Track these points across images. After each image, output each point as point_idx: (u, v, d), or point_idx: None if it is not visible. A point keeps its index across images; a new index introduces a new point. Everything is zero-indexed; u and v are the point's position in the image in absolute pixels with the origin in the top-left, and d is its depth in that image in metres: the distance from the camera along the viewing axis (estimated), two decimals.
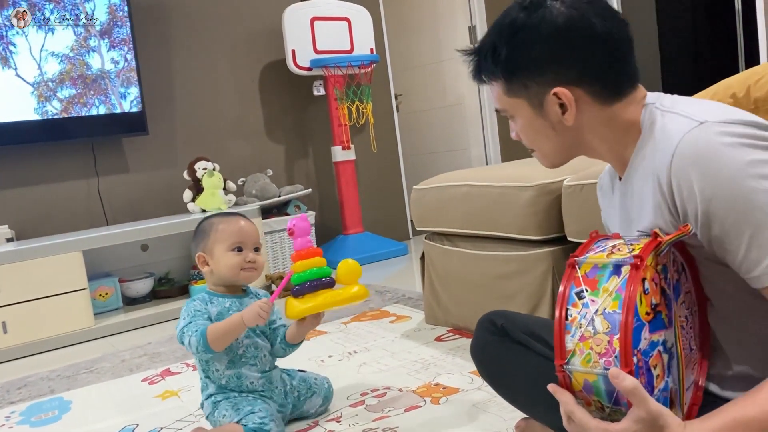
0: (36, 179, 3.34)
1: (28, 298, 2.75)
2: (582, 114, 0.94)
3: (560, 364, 0.82)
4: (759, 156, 0.81)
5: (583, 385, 0.81)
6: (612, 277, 0.81)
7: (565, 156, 1.02)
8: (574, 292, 0.83)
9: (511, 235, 1.95)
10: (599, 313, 0.80)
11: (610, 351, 0.78)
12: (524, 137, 1.02)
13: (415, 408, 1.63)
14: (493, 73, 0.98)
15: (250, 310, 1.46)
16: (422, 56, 5.14)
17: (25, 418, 1.94)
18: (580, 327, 0.81)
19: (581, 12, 0.91)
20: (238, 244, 1.56)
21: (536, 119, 0.97)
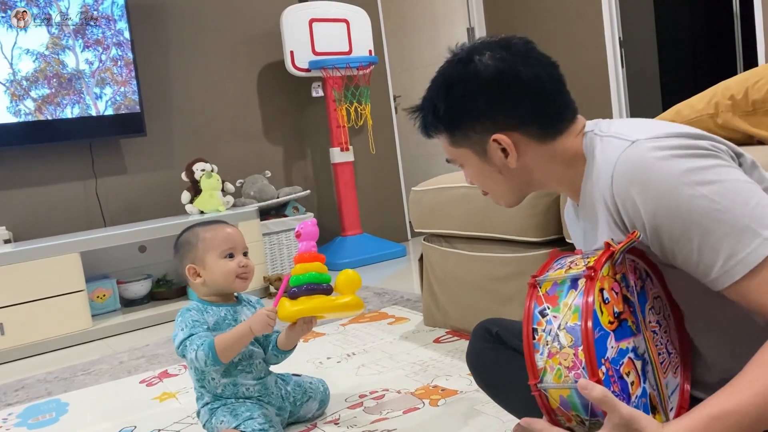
0: (34, 180, 3.33)
1: (26, 299, 2.74)
2: (525, 155, 0.99)
3: (534, 384, 0.84)
4: (692, 164, 0.83)
5: (559, 401, 0.83)
6: (570, 291, 0.84)
7: (518, 195, 1.07)
8: (538, 311, 0.86)
9: (509, 237, 1.95)
10: (562, 327, 0.82)
11: (577, 363, 0.80)
12: (476, 183, 1.08)
13: (414, 410, 1.63)
14: (436, 127, 1.04)
15: (258, 318, 1.45)
16: (421, 57, 5.14)
17: (23, 420, 1.93)
18: (547, 344, 0.83)
19: (508, 63, 0.97)
20: (230, 250, 1.54)
21: (483, 166, 1.02)
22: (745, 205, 0.81)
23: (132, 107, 3.40)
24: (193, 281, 1.56)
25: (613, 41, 3.97)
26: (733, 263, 0.81)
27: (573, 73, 4.56)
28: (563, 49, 4.25)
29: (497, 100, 0.98)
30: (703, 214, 0.82)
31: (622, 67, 4.02)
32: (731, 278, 0.81)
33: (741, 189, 0.82)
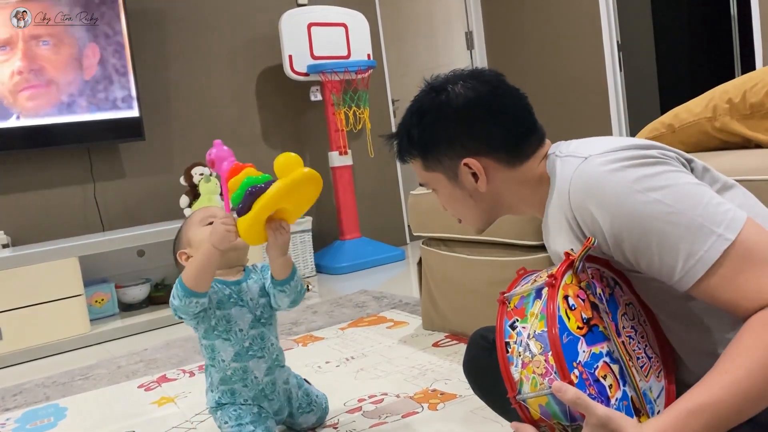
0: (32, 185, 3.33)
1: (24, 304, 2.74)
2: (494, 180, 1.04)
3: (513, 396, 0.86)
4: (642, 172, 0.87)
5: (540, 411, 0.84)
6: (536, 302, 0.87)
7: (488, 219, 1.12)
8: (508, 325, 0.89)
9: (508, 240, 1.95)
10: (531, 336, 0.84)
11: (549, 369, 0.81)
12: (448, 207, 1.13)
13: (413, 414, 1.63)
14: (410, 152, 1.10)
15: (214, 231, 1.33)
16: (419, 62, 5.15)
17: (21, 425, 1.93)
18: (520, 355, 0.85)
19: (478, 93, 1.02)
20: (210, 219, 1.48)
21: (454, 190, 1.08)
22: (697, 205, 0.83)
23: (130, 112, 3.40)
24: (186, 265, 1.48)
25: (611, 45, 3.98)
26: (693, 263, 0.83)
27: (571, 77, 4.60)
28: (561, 53, 4.26)
29: (467, 126, 1.03)
30: (658, 218, 0.84)
31: (621, 71, 4.02)
32: (693, 278, 0.83)
33: (691, 191, 0.85)
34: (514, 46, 4.58)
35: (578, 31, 4.12)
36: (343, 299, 3.04)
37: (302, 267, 3.76)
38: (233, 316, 1.46)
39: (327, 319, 2.69)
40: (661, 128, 1.69)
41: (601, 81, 4.05)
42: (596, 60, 4.05)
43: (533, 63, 4.45)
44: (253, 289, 1.51)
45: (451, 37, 4.90)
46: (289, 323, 2.71)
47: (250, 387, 1.50)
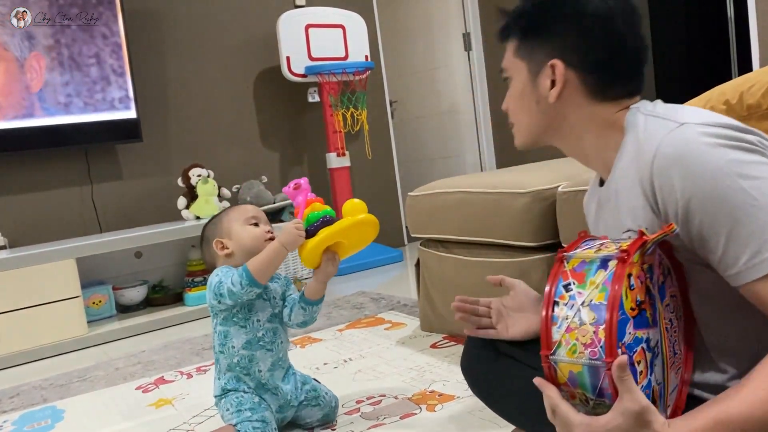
0: (29, 186, 3.32)
1: (21, 306, 2.73)
2: (567, 99, 0.98)
3: (546, 355, 0.83)
4: (737, 156, 0.83)
5: (568, 376, 0.82)
6: (599, 271, 0.83)
7: (537, 137, 1.05)
8: (562, 285, 0.85)
9: (506, 242, 1.95)
10: (585, 304, 0.82)
11: (596, 341, 0.79)
12: (511, 105, 1.07)
13: (411, 415, 1.63)
14: (512, 30, 1.04)
15: (286, 232, 1.48)
16: (417, 63, 5.16)
17: (18, 427, 1.93)
18: (567, 318, 0.82)
19: (611, 11, 0.95)
20: (254, 220, 1.60)
21: (527, 87, 1.02)
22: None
23: (128, 113, 3.39)
24: (220, 254, 1.57)
25: None
26: (757, 261, 0.80)
27: None
28: None
29: (579, 33, 0.97)
30: (738, 207, 0.81)
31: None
32: (751, 276, 0.81)
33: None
34: None
35: None
36: (341, 301, 3.03)
37: (300, 268, 3.76)
38: (255, 306, 1.56)
39: (325, 321, 2.69)
40: None
41: None
42: None
43: None
44: (277, 290, 1.62)
45: (448, 38, 4.91)
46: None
47: (252, 377, 1.55)
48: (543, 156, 3.74)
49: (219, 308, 1.53)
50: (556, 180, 1.88)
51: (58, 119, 3.22)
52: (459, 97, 4.91)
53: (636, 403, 0.76)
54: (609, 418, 0.78)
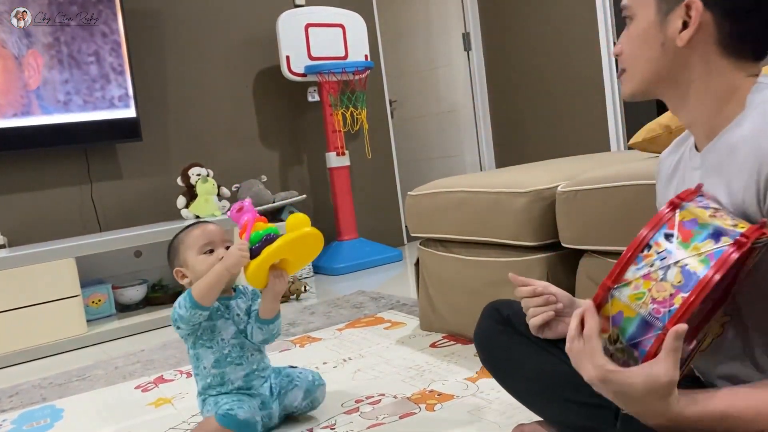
0: (29, 185, 3.32)
1: (21, 305, 2.73)
2: (695, 45, 0.90)
3: (609, 285, 0.80)
4: None
5: (614, 314, 0.80)
6: (708, 240, 0.78)
7: (651, 84, 0.96)
8: (663, 233, 0.81)
9: (505, 241, 1.95)
10: (679, 264, 0.77)
11: (667, 304, 0.76)
12: (628, 46, 0.97)
13: (410, 415, 1.63)
14: None
15: (229, 255, 1.50)
16: (417, 63, 5.16)
17: (17, 426, 1.92)
18: (651, 266, 0.79)
19: None
20: (208, 246, 1.58)
21: (653, 27, 0.92)
22: None
23: (128, 111, 3.39)
24: (182, 282, 1.61)
25: (608, 47, 3.99)
26: None
27: (568, 78, 4.60)
28: (558, 55, 4.26)
29: None
30: None
31: (617, 73, 4.03)
32: None
33: None
34: (511, 48, 4.59)
35: (575, 32, 4.13)
36: (340, 300, 3.04)
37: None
38: (218, 327, 1.59)
39: (324, 320, 2.69)
40: (657, 129, 1.70)
41: (597, 82, 4.06)
42: (593, 61, 4.06)
43: (530, 65, 4.46)
44: (241, 306, 1.63)
45: (448, 38, 4.91)
46: (287, 324, 2.71)
47: (227, 387, 1.60)
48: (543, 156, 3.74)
49: (181, 333, 1.57)
50: (555, 180, 1.88)
51: (58, 118, 3.22)
52: (459, 96, 4.91)
53: (669, 374, 0.75)
54: (632, 374, 0.76)
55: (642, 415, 0.79)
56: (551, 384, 1.15)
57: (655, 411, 0.77)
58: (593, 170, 1.78)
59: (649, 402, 0.77)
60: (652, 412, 0.78)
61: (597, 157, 2.43)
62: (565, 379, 1.14)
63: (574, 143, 4.21)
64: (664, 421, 0.78)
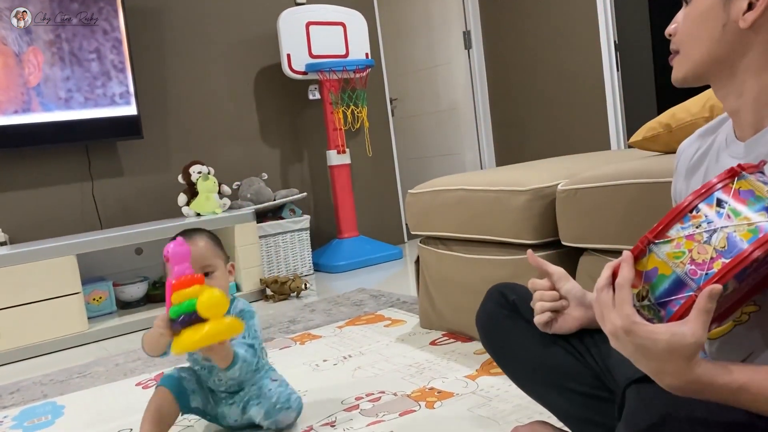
0: (30, 183, 3.33)
1: (22, 302, 2.74)
2: (758, 28, 0.86)
3: (650, 239, 0.79)
4: None
5: (650, 269, 0.78)
6: (762, 212, 0.77)
7: (706, 68, 0.91)
8: (717, 197, 0.79)
9: (505, 240, 1.95)
10: (726, 230, 0.76)
11: (706, 266, 0.75)
12: (684, 28, 0.93)
13: (410, 412, 1.63)
14: None
15: (150, 332, 1.50)
16: (417, 61, 5.16)
17: (18, 422, 1.93)
18: (698, 227, 0.77)
19: None
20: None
21: (715, 7, 0.88)
22: None
23: (129, 109, 3.39)
24: None
25: (608, 44, 3.99)
26: None
27: (568, 76, 4.59)
28: (559, 52, 4.26)
29: None
30: None
31: (618, 71, 4.03)
32: None
33: None
34: (511, 46, 4.59)
35: (576, 30, 4.13)
36: (340, 297, 3.04)
37: (300, 265, 3.76)
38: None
39: (324, 318, 2.69)
40: (658, 128, 1.70)
41: (598, 80, 4.06)
42: (593, 59, 4.06)
43: (531, 62, 4.46)
44: None
45: (448, 36, 4.91)
46: (287, 321, 2.71)
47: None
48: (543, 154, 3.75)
49: None
50: (555, 178, 1.88)
51: (59, 115, 3.22)
52: (459, 95, 4.91)
53: (696, 335, 0.73)
54: (658, 329, 0.75)
55: (658, 373, 0.77)
56: (554, 373, 1.14)
57: (673, 371, 0.75)
58: (593, 168, 1.79)
59: (669, 361, 0.75)
60: (670, 372, 0.76)
61: (597, 155, 2.43)
62: (569, 369, 1.13)
63: (575, 141, 4.22)
64: (680, 382, 0.76)
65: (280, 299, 3.23)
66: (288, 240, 3.71)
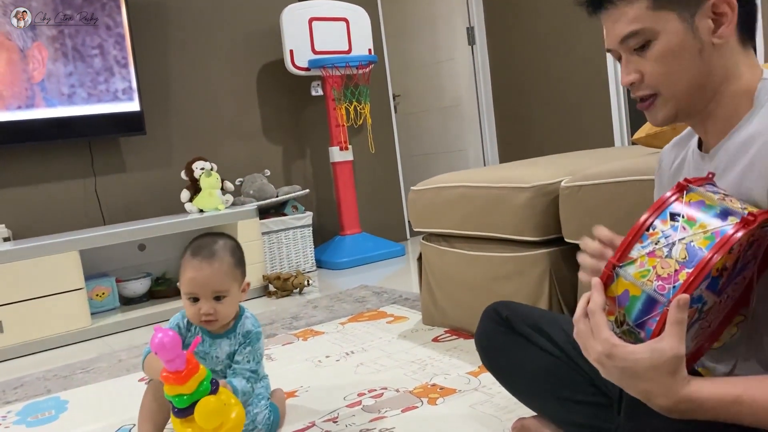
0: (33, 178, 3.33)
1: (25, 297, 2.74)
2: (728, 43, 0.86)
3: (614, 263, 0.80)
4: None
5: (621, 293, 0.79)
6: (715, 219, 0.78)
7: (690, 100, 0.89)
8: (669, 212, 0.80)
9: (508, 236, 1.95)
10: (684, 242, 0.77)
11: (672, 280, 0.76)
12: (658, 69, 0.88)
13: (412, 408, 1.63)
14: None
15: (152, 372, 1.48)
16: (420, 57, 5.15)
17: (22, 417, 1.94)
18: (656, 243, 0.79)
19: None
20: (193, 294, 1.47)
21: (685, 36, 0.86)
22: None
23: (131, 105, 3.40)
24: None
25: None
26: None
27: (572, 72, 4.57)
28: (562, 50, 4.25)
29: None
30: None
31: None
32: None
33: None
34: (515, 42, 4.58)
35: (579, 26, 4.11)
36: (343, 294, 3.04)
37: (303, 262, 3.76)
38: None
39: (327, 314, 2.70)
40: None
41: (602, 76, 4.05)
42: (597, 55, 4.05)
43: (534, 59, 4.45)
44: (224, 349, 1.54)
45: (452, 32, 4.90)
46: (290, 317, 2.72)
47: None
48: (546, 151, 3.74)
49: None
50: (558, 175, 1.88)
51: (62, 111, 3.23)
52: (462, 91, 4.90)
53: (674, 349, 0.73)
54: (637, 349, 0.75)
55: (648, 395, 0.76)
56: (551, 383, 1.16)
57: (663, 390, 0.75)
58: (597, 165, 1.78)
59: (655, 380, 0.75)
60: (660, 392, 0.75)
61: (601, 152, 2.43)
62: (563, 377, 1.15)
63: (578, 138, 4.21)
64: (671, 402, 0.75)
65: (282, 295, 3.23)
66: (290, 236, 3.71)
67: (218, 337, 1.54)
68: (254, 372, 1.53)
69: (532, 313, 1.27)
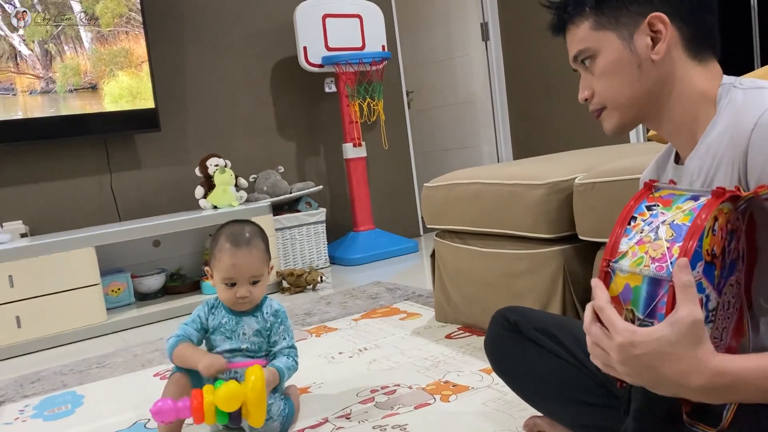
0: (50, 175, 3.36)
1: (42, 293, 2.77)
2: (669, 57, 0.91)
3: (608, 259, 0.80)
4: None
5: (622, 289, 0.79)
6: (688, 201, 0.80)
7: (635, 112, 0.95)
8: (645, 205, 0.83)
9: (521, 234, 1.94)
10: (666, 222, 0.79)
11: (667, 257, 0.76)
12: (600, 85, 0.96)
13: (425, 405, 1.63)
14: (582, 5, 0.95)
15: (209, 363, 1.47)
16: (434, 53, 5.13)
17: (39, 411, 1.96)
18: (641, 232, 0.80)
19: None
20: (231, 280, 1.56)
21: (624, 53, 0.93)
22: None
23: (146, 103, 3.42)
24: (210, 280, 1.63)
25: None
26: None
27: None
28: None
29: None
30: None
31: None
32: None
33: None
34: (529, 37, 4.55)
35: None
36: (356, 290, 3.05)
37: (316, 258, 3.77)
38: (216, 341, 1.60)
39: (340, 310, 2.70)
40: None
41: None
42: None
43: (548, 55, 4.42)
44: (251, 326, 1.61)
45: (466, 28, 4.88)
46: (303, 314, 2.73)
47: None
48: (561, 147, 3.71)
49: None
50: (572, 172, 1.87)
51: (78, 108, 3.25)
52: (476, 87, 4.88)
53: (692, 313, 0.71)
54: (657, 328, 0.73)
55: (682, 376, 0.73)
56: (560, 386, 1.17)
57: (693, 364, 0.72)
58: (612, 162, 1.77)
59: (683, 355, 0.72)
60: (692, 367, 0.73)
61: (616, 148, 2.41)
62: (573, 381, 1.15)
63: (593, 134, 4.18)
64: (706, 378, 0.73)
65: (296, 292, 3.24)
66: (304, 233, 3.72)
67: (244, 315, 1.60)
68: (292, 347, 1.62)
69: (540, 317, 1.27)
